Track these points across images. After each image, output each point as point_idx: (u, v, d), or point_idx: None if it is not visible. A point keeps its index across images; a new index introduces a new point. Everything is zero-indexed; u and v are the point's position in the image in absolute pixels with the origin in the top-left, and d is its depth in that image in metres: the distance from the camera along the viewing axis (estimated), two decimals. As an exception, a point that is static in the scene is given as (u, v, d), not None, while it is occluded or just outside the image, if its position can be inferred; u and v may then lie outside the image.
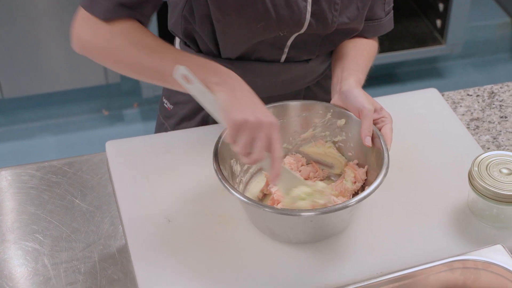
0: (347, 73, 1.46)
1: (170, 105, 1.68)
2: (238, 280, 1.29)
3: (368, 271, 1.30)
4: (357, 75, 1.46)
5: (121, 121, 3.46)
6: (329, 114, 1.45)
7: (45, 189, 1.50)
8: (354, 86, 1.42)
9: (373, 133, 1.38)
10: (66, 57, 3.25)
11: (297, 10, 1.42)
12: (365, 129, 1.38)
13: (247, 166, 1.46)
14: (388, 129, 1.39)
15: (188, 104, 1.64)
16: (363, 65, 1.51)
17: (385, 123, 1.40)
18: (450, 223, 1.40)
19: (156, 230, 1.38)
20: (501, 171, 1.37)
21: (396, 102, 1.63)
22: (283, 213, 1.27)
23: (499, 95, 1.76)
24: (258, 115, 1.24)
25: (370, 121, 1.38)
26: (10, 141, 3.33)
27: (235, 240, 1.36)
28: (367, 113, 1.38)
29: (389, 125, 1.40)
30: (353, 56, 1.52)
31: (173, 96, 1.68)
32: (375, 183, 1.29)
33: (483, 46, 4.01)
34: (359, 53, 1.54)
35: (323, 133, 1.48)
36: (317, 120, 1.47)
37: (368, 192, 1.28)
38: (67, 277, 1.33)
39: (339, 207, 1.26)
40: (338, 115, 1.45)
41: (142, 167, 1.50)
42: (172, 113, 1.68)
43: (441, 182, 1.49)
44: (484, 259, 1.27)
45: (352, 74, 1.46)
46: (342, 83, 1.44)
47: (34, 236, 1.41)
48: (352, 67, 1.48)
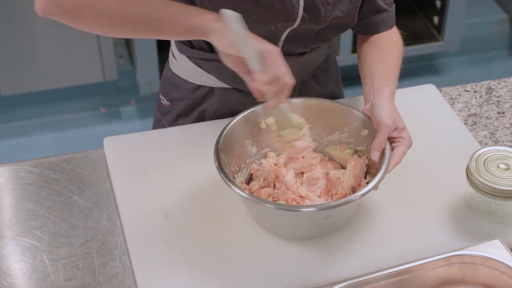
0: (379, 83, 1.44)
1: (166, 102, 1.69)
2: (236, 276, 1.30)
3: (366, 267, 1.31)
4: (390, 85, 1.44)
5: (119, 119, 3.46)
6: (357, 121, 1.44)
7: (43, 185, 1.50)
8: (386, 98, 1.40)
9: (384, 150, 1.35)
10: (64, 54, 3.24)
11: (289, 4, 1.42)
12: (375, 143, 1.35)
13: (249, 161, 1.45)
14: (400, 151, 1.35)
15: (184, 100, 1.64)
16: (392, 73, 1.49)
17: (401, 144, 1.36)
18: (448, 219, 1.40)
19: (154, 226, 1.38)
20: (498, 166, 1.37)
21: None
22: (283, 209, 1.27)
23: (496, 91, 1.76)
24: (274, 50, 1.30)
25: (383, 137, 1.35)
26: (8, 139, 3.33)
27: (233, 235, 1.36)
28: (383, 128, 1.35)
29: (403, 148, 1.36)
30: (380, 63, 1.50)
31: (169, 92, 1.68)
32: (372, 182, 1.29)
33: (480, 43, 4.01)
34: (385, 58, 1.52)
35: (348, 139, 1.47)
36: (345, 125, 1.46)
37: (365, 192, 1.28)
38: (66, 273, 1.33)
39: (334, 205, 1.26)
40: (364, 124, 1.43)
41: (140, 163, 1.50)
42: (168, 110, 1.68)
43: (439, 177, 1.49)
44: (482, 254, 1.27)
45: (386, 84, 1.43)
46: (375, 94, 1.42)
47: (32, 232, 1.40)
48: (383, 76, 1.46)
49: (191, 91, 1.63)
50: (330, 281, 1.25)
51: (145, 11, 1.31)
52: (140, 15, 1.31)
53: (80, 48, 3.24)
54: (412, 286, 1.27)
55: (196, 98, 1.63)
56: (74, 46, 3.24)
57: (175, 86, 1.65)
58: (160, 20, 1.31)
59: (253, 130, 1.43)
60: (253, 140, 1.44)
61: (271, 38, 1.49)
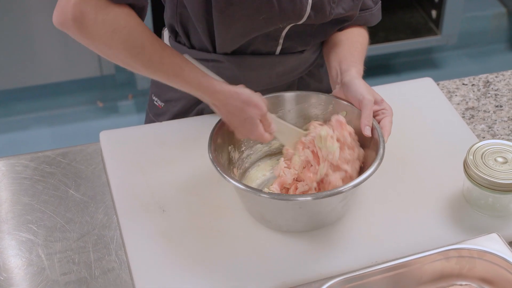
0: (346, 64, 1.46)
1: (161, 103, 1.67)
2: (233, 269, 1.29)
3: (363, 260, 1.30)
4: (357, 67, 1.46)
5: (116, 113, 3.45)
6: (331, 106, 1.45)
7: (39, 179, 1.49)
8: (356, 76, 1.42)
9: (372, 125, 1.38)
10: (61, 48, 3.23)
11: (299, 2, 1.42)
12: (364, 119, 1.37)
13: (246, 153, 1.45)
14: (388, 122, 1.39)
15: (180, 100, 1.63)
16: (359, 56, 1.51)
17: (385, 115, 1.40)
18: (445, 212, 1.40)
19: (150, 220, 1.37)
20: (496, 160, 1.36)
21: (392, 92, 1.62)
22: (274, 198, 1.27)
23: (494, 84, 1.75)
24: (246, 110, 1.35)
25: (370, 111, 1.38)
26: (4, 133, 3.32)
27: (229, 229, 1.36)
28: (367, 104, 1.38)
29: (389, 118, 1.39)
30: (348, 49, 1.52)
31: (163, 93, 1.66)
32: (367, 172, 1.28)
33: (478, 37, 4.00)
34: (353, 45, 1.54)
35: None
36: (318, 112, 1.46)
37: (359, 181, 1.27)
38: (62, 267, 1.33)
39: (329, 194, 1.26)
40: (339, 107, 1.44)
41: (136, 157, 1.50)
42: (163, 111, 1.67)
43: (436, 171, 1.48)
44: (479, 248, 1.27)
45: (352, 65, 1.45)
46: (343, 74, 1.44)
47: (28, 227, 1.40)
48: (350, 59, 1.48)
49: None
50: (327, 275, 1.25)
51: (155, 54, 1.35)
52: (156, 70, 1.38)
53: (77, 42, 3.22)
54: (409, 280, 1.27)
55: (194, 98, 1.60)
56: (71, 40, 3.19)
57: (170, 87, 1.64)
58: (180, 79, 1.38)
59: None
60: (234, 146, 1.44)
61: (273, 36, 1.48)
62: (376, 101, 1.40)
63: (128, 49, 1.32)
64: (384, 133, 1.36)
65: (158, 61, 1.35)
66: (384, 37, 3.58)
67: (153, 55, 1.34)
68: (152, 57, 1.34)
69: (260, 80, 1.55)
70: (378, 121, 1.39)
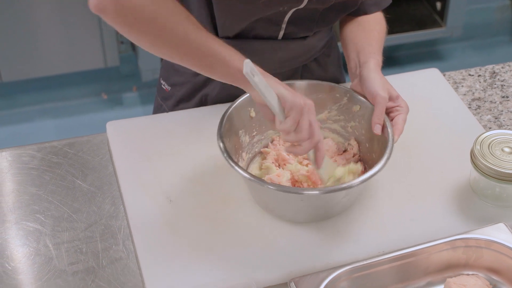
0: (364, 56, 1.45)
1: (167, 87, 1.68)
2: (240, 259, 1.29)
3: (370, 250, 1.31)
4: (375, 58, 1.44)
5: (120, 105, 3.46)
6: (346, 98, 1.44)
7: (46, 169, 1.49)
8: (373, 70, 1.40)
9: (384, 123, 1.36)
10: (65, 40, 3.23)
11: None
12: (375, 117, 1.36)
13: (257, 138, 1.45)
14: (401, 119, 1.37)
15: (185, 85, 1.64)
16: (377, 46, 1.49)
17: (400, 112, 1.38)
18: (452, 203, 1.40)
19: (157, 210, 1.37)
20: (503, 150, 1.36)
21: (398, 82, 1.62)
22: (283, 191, 1.27)
23: (500, 75, 1.75)
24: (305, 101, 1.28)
25: (381, 109, 1.36)
26: (9, 125, 3.32)
27: (236, 219, 1.36)
28: (380, 101, 1.36)
29: (403, 115, 1.38)
30: (365, 38, 1.51)
31: (170, 77, 1.67)
32: (373, 170, 1.29)
33: (483, 29, 3.99)
34: (370, 34, 1.52)
35: (338, 117, 1.47)
36: (332, 104, 1.46)
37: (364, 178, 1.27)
38: (69, 257, 1.33)
39: (339, 188, 1.26)
40: (354, 100, 1.43)
41: (143, 148, 1.50)
42: (170, 95, 1.68)
43: (443, 161, 1.48)
44: (486, 238, 1.27)
45: (370, 57, 1.44)
46: (361, 67, 1.43)
47: (36, 217, 1.40)
48: (368, 50, 1.47)
49: (192, 76, 1.62)
50: (333, 265, 1.25)
51: (199, 45, 1.31)
52: (193, 47, 1.31)
53: (82, 34, 3.24)
54: (416, 269, 1.27)
55: (197, 83, 1.62)
56: (76, 32, 3.23)
57: (177, 71, 1.65)
58: (210, 58, 1.31)
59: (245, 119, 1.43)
60: (245, 129, 1.43)
61: (275, 20, 1.48)
62: (391, 97, 1.39)
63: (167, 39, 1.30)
64: (395, 131, 1.35)
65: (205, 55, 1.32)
66: (389, 29, 3.56)
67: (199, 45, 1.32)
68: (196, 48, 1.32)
69: (263, 64, 1.54)
70: (392, 118, 1.37)
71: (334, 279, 1.21)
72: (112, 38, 3.28)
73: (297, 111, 1.26)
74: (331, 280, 1.21)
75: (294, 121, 1.27)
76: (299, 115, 1.27)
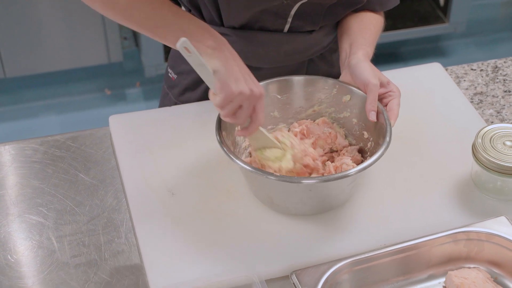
0: (355, 47, 1.45)
1: (174, 75, 1.68)
2: (242, 252, 1.30)
3: (371, 243, 1.31)
4: (365, 49, 1.45)
5: (124, 100, 3.46)
6: (335, 90, 1.45)
7: (49, 163, 1.50)
8: (362, 59, 1.41)
9: (378, 108, 1.38)
10: (69, 36, 3.24)
11: None
12: (369, 104, 1.37)
13: None
14: (395, 104, 1.38)
15: (191, 74, 1.64)
16: (370, 39, 1.50)
17: (393, 97, 1.39)
18: (454, 196, 1.40)
19: (159, 203, 1.38)
20: (504, 144, 1.37)
21: (400, 77, 1.62)
22: (282, 180, 1.27)
23: (502, 69, 1.75)
24: (251, 86, 1.27)
25: (374, 96, 1.37)
26: (13, 121, 3.33)
27: (238, 212, 1.37)
28: (372, 88, 1.37)
29: (396, 100, 1.39)
30: (359, 31, 1.51)
31: (177, 66, 1.67)
32: (375, 155, 1.29)
33: (486, 25, 3.99)
34: (365, 27, 1.53)
35: (329, 109, 1.47)
36: (322, 96, 1.47)
37: (368, 164, 1.27)
38: (72, 250, 1.34)
39: (337, 177, 1.26)
40: (343, 91, 1.44)
41: (145, 141, 1.50)
42: (175, 83, 1.68)
43: (445, 155, 1.49)
44: (487, 231, 1.27)
45: (360, 48, 1.45)
46: (350, 57, 1.44)
47: (38, 210, 1.41)
48: (360, 42, 1.47)
49: None
50: (335, 258, 1.25)
51: (151, 17, 1.32)
52: (146, 18, 1.32)
53: (85, 30, 3.24)
54: (418, 262, 1.28)
55: None
56: (79, 28, 3.23)
57: (183, 59, 1.64)
58: (163, 29, 1.32)
59: None
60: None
61: (281, 13, 1.48)
62: (382, 84, 1.40)
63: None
64: (391, 116, 1.36)
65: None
66: (392, 25, 3.57)
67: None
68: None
69: (268, 57, 1.55)
70: (385, 103, 1.39)
71: (335, 271, 1.21)
72: (116, 34, 3.29)
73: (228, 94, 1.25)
74: (333, 273, 1.21)
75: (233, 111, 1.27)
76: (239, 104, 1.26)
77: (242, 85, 1.26)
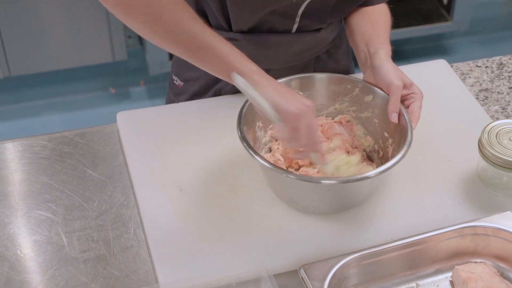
0: (374, 47, 1.45)
1: (180, 82, 1.68)
2: (249, 247, 1.31)
3: (379, 238, 1.32)
4: (385, 48, 1.45)
5: (128, 99, 3.47)
6: (357, 89, 1.45)
7: (57, 159, 1.51)
8: (385, 59, 1.41)
9: (400, 110, 1.37)
10: (73, 35, 3.25)
11: None
12: (391, 105, 1.37)
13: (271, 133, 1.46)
14: (417, 106, 1.38)
15: (199, 80, 1.64)
16: (385, 36, 1.50)
17: (415, 99, 1.39)
18: (460, 191, 1.41)
19: (168, 199, 1.39)
20: (510, 139, 1.37)
21: (406, 74, 1.62)
22: (304, 180, 1.27)
23: (508, 66, 1.76)
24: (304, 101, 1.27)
25: (397, 98, 1.37)
26: (17, 119, 3.34)
27: (246, 207, 1.37)
28: (395, 89, 1.37)
29: (418, 102, 1.39)
30: (372, 29, 1.51)
31: (183, 73, 1.67)
32: (397, 157, 1.29)
33: (489, 23, 3.99)
34: (377, 24, 1.53)
35: (350, 108, 1.48)
36: (344, 95, 1.47)
37: (389, 166, 1.28)
38: (81, 245, 1.34)
39: (359, 178, 1.27)
40: (366, 90, 1.44)
41: (153, 137, 1.51)
42: (182, 90, 1.68)
43: (451, 151, 1.49)
44: (494, 225, 1.28)
45: (380, 47, 1.44)
46: (372, 57, 1.44)
47: (47, 205, 1.42)
48: (377, 40, 1.47)
49: (205, 71, 1.62)
50: (342, 252, 1.26)
51: (196, 36, 1.30)
52: (189, 38, 1.30)
53: (89, 28, 3.25)
54: (425, 257, 1.28)
55: (211, 78, 1.61)
56: (84, 27, 3.24)
57: (189, 66, 1.63)
58: (206, 50, 1.30)
59: None
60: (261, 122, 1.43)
61: (289, 14, 1.49)
62: (405, 85, 1.39)
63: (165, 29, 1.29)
64: (412, 118, 1.36)
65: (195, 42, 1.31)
66: (395, 23, 3.53)
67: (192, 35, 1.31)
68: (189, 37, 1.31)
69: (277, 58, 1.55)
70: (407, 105, 1.38)
71: (343, 266, 1.22)
72: (120, 32, 3.29)
73: (293, 119, 1.25)
74: (341, 267, 1.22)
75: (291, 130, 1.26)
76: (295, 123, 1.25)
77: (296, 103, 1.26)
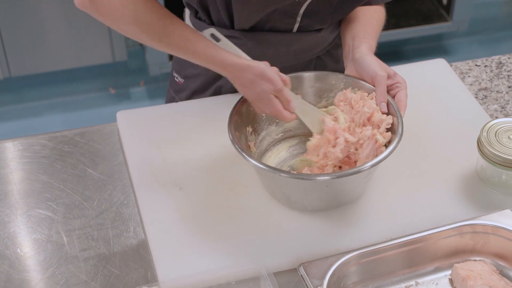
0: (358, 41, 1.47)
1: (181, 79, 1.68)
2: (248, 245, 1.31)
3: (378, 236, 1.32)
4: (368, 42, 1.46)
5: (128, 99, 3.47)
6: (342, 84, 1.46)
7: (57, 158, 1.51)
8: (366, 53, 1.43)
9: (387, 100, 1.38)
10: (73, 35, 3.25)
11: None
12: (379, 96, 1.38)
13: (261, 136, 1.46)
14: (403, 95, 1.39)
15: (199, 77, 1.64)
16: (373, 32, 1.51)
17: (400, 88, 1.40)
18: (459, 190, 1.41)
19: (167, 198, 1.39)
20: (509, 138, 1.38)
21: (405, 73, 1.62)
22: (299, 178, 1.28)
23: (507, 65, 1.76)
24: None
25: (384, 88, 1.38)
26: (17, 120, 3.34)
27: (245, 206, 1.38)
28: (380, 80, 1.38)
29: (403, 91, 1.40)
30: (362, 24, 1.52)
31: (183, 70, 1.68)
32: (389, 148, 1.30)
33: (489, 23, 4.00)
34: (367, 21, 1.54)
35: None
36: (330, 91, 1.47)
37: (383, 157, 1.28)
38: (81, 244, 1.35)
39: (353, 172, 1.27)
40: (350, 85, 1.45)
41: (153, 137, 1.51)
42: (183, 87, 1.68)
43: (450, 150, 1.50)
44: (493, 224, 1.28)
45: (364, 41, 1.46)
46: (354, 51, 1.45)
47: (47, 204, 1.42)
48: (363, 35, 1.48)
49: (206, 68, 1.63)
50: (342, 250, 1.26)
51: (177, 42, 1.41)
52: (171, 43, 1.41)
53: (89, 29, 3.25)
54: (424, 255, 1.28)
55: (212, 75, 1.62)
56: (84, 27, 3.24)
57: (190, 63, 1.65)
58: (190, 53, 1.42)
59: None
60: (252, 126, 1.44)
61: (290, 13, 1.49)
62: (389, 76, 1.41)
63: (137, 24, 1.37)
64: (400, 107, 1.37)
65: (167, 35, 1.39)
66: (395, 23, 3.58)
67: (162, 30, 1.38)
68: (160, 32, 1.38)
69: (278, 57, 1.56)
70: (393, 95, 1.40)
71: (342, 264, 1.22)
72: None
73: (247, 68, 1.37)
74: (340, 265, 1.22)
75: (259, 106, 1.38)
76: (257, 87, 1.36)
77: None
